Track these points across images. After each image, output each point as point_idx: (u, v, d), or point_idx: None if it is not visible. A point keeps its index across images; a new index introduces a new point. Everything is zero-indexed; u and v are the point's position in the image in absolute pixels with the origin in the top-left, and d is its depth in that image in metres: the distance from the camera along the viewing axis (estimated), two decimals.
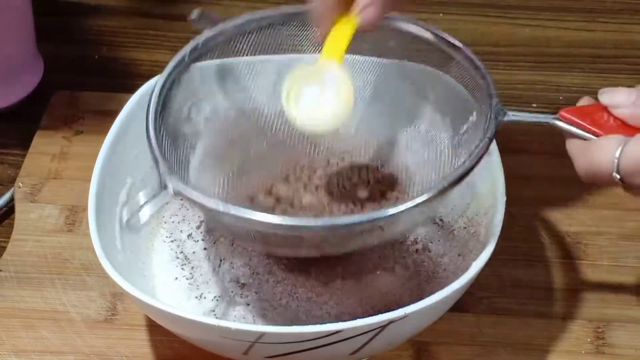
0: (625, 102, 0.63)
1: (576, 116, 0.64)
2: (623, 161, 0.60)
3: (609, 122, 0.63)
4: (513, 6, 1.04)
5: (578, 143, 0.63)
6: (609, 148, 0.61)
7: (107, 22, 1.01)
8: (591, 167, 0.61)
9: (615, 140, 0.61)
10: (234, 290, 0.73)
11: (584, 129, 0.63)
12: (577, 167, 0.63)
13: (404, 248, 0.74)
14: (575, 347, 0.74)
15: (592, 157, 0.61)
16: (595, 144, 0.62)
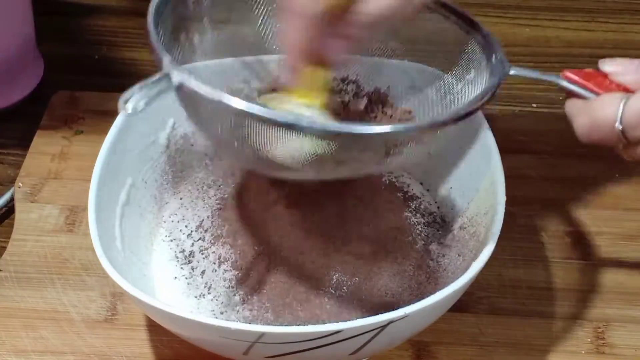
0: (626, 69, 0.63)
1: (580, 77, 0.64)
2: (627, 111, 0.60)
3: (612, 86, 0.63)
4: (513, 6, 1.04)
5: (579, 102, 0.64)
6: (612, 101, 0.61)
7: (107, 22, 1.01)
8: (593, 121, 0.62)
9: (618, 95, 0.61)
10: (234, 290, 0.73)
11: (587, 88, 0.64)
12: (577, 124, 0.63)
13: (404, 248, 0.74)
14: (575, 347, 0.74)
15: (594, 111, 0.62)
16: (597, 99, 0.63)
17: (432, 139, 0.64)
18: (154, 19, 0.65)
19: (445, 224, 0.77)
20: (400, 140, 0.63)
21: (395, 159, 0.64)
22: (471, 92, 0.69)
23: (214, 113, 0.62)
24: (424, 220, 0.77)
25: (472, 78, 0.69)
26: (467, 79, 0.70)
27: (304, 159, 0.62)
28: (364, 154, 0.63)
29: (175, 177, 0.79)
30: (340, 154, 0.62)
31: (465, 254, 0.72)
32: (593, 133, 0.62)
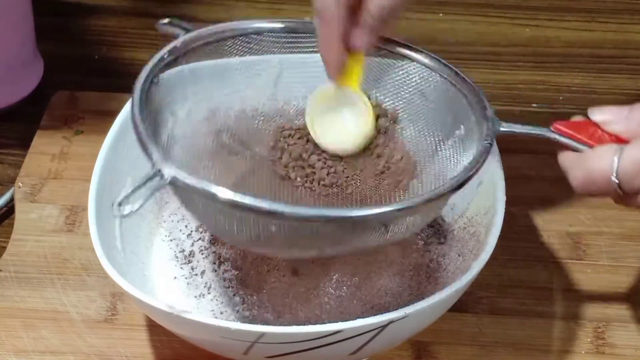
0: (616, 118, 0.63)
1: (570, 129, 0.64)
2: (622, 164, 0.60)
3: (603, 136, 0.63)
4: (513, 6, 1.04)
5: (572, 155, 0.63)
6: (606, 154, 0.61)
7: (107, 22, 1.01)
8: (589, 175, 0.61)
9: (611, 147, 0.61)
10: (234, 290, 0.73)
11: (579, 140, 0.63)
12: (573, 178, 0.62)
13: (404, 248, 0.74)
14: (575, 347, 0.74)
15: (588, 164, 0.61)
16: (591, 152, 0.62)
17: (428, 209, 0.64)
18: (139, 106, 0.65)
19: (445, 224, 0.77)
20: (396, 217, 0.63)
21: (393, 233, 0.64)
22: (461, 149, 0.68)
23: (209, 204, 0.62)
24: None
25: (462, 134, 0.69)
26: (457, 135, 0.69)
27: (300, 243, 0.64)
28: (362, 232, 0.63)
29: None
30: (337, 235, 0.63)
31: (465, 254, 0.72)
32: (588, 186, 0.62)
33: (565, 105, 0.93)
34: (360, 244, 0.64)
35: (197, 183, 0.60)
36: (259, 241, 0.63)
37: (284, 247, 0.64)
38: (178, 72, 0.70)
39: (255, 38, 0.72)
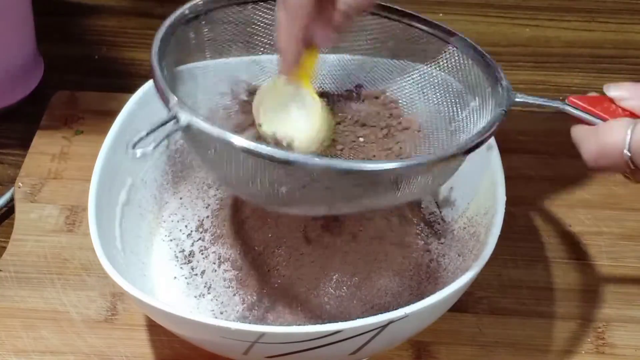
0: (632, 94, 0.63)
1: (585, 102, 0.64)
2: (635, 138, 0.60)
3: (617, 111, 0.63)
4: (513, 6, 1.04)
5: (585, 128, 0.63)
6: (620, 127, 0.61)
7: (107, 22, 1.01)
8: (601, 148, 0.61)
9: (625, 121, 0.61)
10: (234, 290, 0.73)
11: (593, 114, 0.63)
12: (585, 151, 0.62)
13: (404, 248, 0.74)
14: (575, 347, 0.74)
15: (602, 137, 0.61)
16: (604, 125, 0.62)
17: (441, 171, 0.64)
18: (158, 56, 0.65)
19: (445, 224, 0.77)
20: (408, 175, 0.63)
21: (404, 192, 0.64)
22: (476, 119, 0.69)
23: (222, 152, 0.62)
24: (424, 220, 0.77)
25: (477, 106, 0.69)
26: (472, 107, 0.69)
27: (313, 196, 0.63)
28: (373, 189, 0.63)
29: (175, 177, 0.79)
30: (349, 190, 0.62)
31: (465, 254, 0.72)
32: (601, 160, 0.62)
33: None
34: (370, 202, 0.64)
35: (212, 129, 0.60)
36: (269, 194, 0.63)
37: (295, 201, 0.64)
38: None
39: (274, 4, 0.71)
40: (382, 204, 0.65)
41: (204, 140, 0.62)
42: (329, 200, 0.63)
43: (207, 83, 0.72)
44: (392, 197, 0.64)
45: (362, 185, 0.62)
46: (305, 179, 0.61)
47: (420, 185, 0.64)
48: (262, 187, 0.62)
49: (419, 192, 0.66)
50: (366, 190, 0.63)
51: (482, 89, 0.69)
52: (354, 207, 0.66)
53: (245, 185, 0.63)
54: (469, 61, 0.70)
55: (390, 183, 0.63)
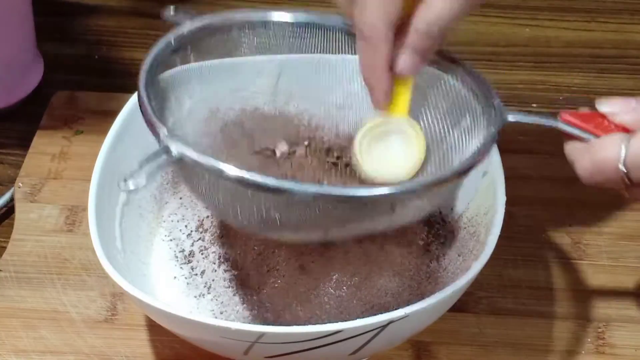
0: (624, 109, 0.63)
1: (578, 119, 0.64)
2: (630, 152, 0.60)
3: (611, 127, 0.63)
4: (513, 6, 1.04)
5: (579, 145, 0.63)
6: (613, 143, 0.61)
7: (107, 22, 1.01)
8: (595, 164, 0.61)
9: (618, 136, 0.61)
10: (234, 290, 0.73)
11: (586, 130, 0.63)
12: (580, 167, 0.62)
13: (404, 248, 0.74)
14: (575, 347, 0.74)
15: (595, 154, 0.61)
16: (598, 141, 0.62)
17: (435, 194, 0.64)
18: (145, 87, 0.65)
19: (445, 224, 0.77)
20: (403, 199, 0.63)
21: (400, 216, 0.64)
22: (468, 139, 0.68)
23: (215, 181, 0.62)
24: (424, 220, 0.77)
25: (468, 125, 0.69)
26: (462, 126, 0.69)
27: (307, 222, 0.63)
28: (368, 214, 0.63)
29: (175, 177, 0.79)
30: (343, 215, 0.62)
31: (465, 254, 0.72)
32: (595, 175, 0.62)
33: (565, 106, 0.92)
34: (366, 226, 0.64)
35: (204, 159, 0.60)
36: (264, 223, 0.63)
37: (289, 228, 0.64)
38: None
39: (261, 30, 0.71)
40: (378, 228, 0.65)
41: (195, 170, 0.62)
42: (323, 226, 0.64)
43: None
44: (388, 221, 0.64)
45: (357, 210, 0.62)
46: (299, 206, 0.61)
47: (416, 209, 0.65)
48: (255, 215, 0.62)
49: (415, 215, 0.66)
50: (361, 216, 0.63)
51: (472, 108, 0.68)
52: (350, 232, 0.66)
53: (238, 213, 0.63)
54: (459, 79, 0.70)
55: (385, 208, 0.63)
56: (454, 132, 0.69)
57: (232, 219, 0.67)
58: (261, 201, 0.61)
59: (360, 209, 0.62)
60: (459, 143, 0.69)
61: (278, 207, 0.61)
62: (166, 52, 0.68)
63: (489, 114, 0.66)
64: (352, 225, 0.64)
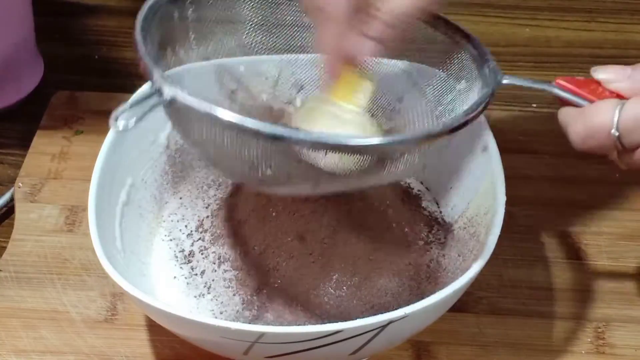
0: (619, 76, 0.63)
1: (573, 84, 0.64)
2: (623, 117, 0.60)
3: (605, 93, 0.63)
4: (513, 6, 1.04)
5: (572, 109, 0.63)
6: (607, 107, 0.61)
7: (107, 22, 1.01)
8: (588, 128, 0.61)
9: (612, 102, 0.61)
10: (234, 290, 0.73)
11: (581, 96, 0.64)
12: (572, 132, 0.62)
13: (404, 248, 0.74)
14: (575, 347, 0.74)
15: (589, 118, 0.61)
16: (592, 106, 0.62)
17: (428, 150, 0.64)
18: (141, 31, 0.65)
19: (445, 224, 0.77)
20: (394, 152, 0.62)
21: (390, 171, 0.63)
22: (463, 102, 0.68)
23: (208, 128, 0.61)
24: (424, 220, 0.77)
25: (463, 88, 0.69)
26: (458, 89, 0.69)
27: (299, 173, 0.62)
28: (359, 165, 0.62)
29: (175, 177, 0.79)
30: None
31: (465, 254, 0.72)
32: (588, 140, 0.62)
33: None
34: (356, 180, 0.64)
35: (197, 103, 0.59)
36: (254, 172, 0.62)
37: (279, 179, 0.63)
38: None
39: None
40: (367, 183, 0.65)
41: (188, 114, 0.61)
42: (314, 177, 0.63)
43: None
44: (377, 176, 0.64)
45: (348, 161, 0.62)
46: (292, 155, 0.61)
47: (406, 164, 0.64)
48: (248, 163, 0.61)
49: (405, 171, 0.65)
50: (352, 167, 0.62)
51: (468, 71, 0.68)
52: (339, 185, 0.65)
53: (230, 161, 0.63)
54: (454, 43, 0.69)
55: (376, 159, 0.62)
56: (449, 96, 0.69)
57: (223, 168, 0.66)
58: (252, 150, 0.60)
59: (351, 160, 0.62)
60: (454, 107, 0.69)
61: (268, 156, 0.60)
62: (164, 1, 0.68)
63: (484, 77, 0.66)
64: (342, 177, 0.63)
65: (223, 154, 0.62)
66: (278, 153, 0.61)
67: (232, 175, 0.67)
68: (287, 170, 0.62)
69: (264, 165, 0.61)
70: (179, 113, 0.62)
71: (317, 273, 0.72)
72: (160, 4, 0.67)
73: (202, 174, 0.80)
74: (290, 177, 0.63)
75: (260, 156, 0.61)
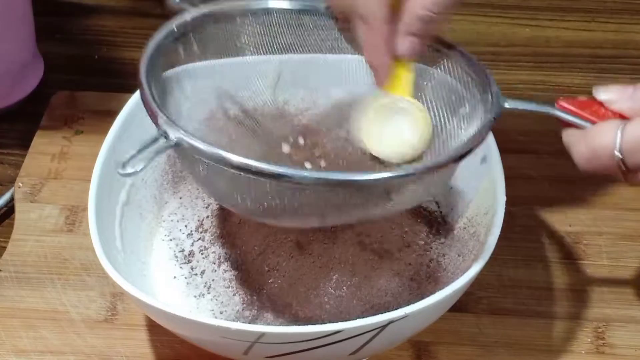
0: (621, 97, 0.63)
1: (575, 106, 0.64)
2: (625, 138, 0.60)
3: (607, 114, 0.63)
4: (513, 6, 1.04)
5: (575, 131, 0.63)
6: (609, 128, 0.61)
7: (107, 22, 1.01)
8: (592, 150, 0.61)
9: (614, 122, 0.61)
10: (234, 290, 0.73)
11: (583, 117, 0.64)
12: (576, 154, 0.63)
13: (404, 248, 0.74)
14: (575, 347, 0.74)
15: (592, 140, 0.61)
16: (594, 127, 0.62)
17: (432, 180, 0.64)
18: (146, 74, 0.65)
19: (445, 224, 0.77)
20: (399, 185, 0.63)
21: (396, 202, 0.64)
22: (466, 127, 0.68)
23: (212, 167, 0.62)
24: (424, 220, 0.77)
25: (466, 112, 0.69)
26: (461, 114, 0.69)
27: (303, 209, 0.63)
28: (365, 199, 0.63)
29: (175, 177, 0.79)
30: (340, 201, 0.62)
31: (465, 254, 0.72)
32: (592, 161, 0.62)
33: None
34: (363, 212, 0.64)
35: (202, 145, 0.61)
36: (261, 208, 0.63)
37: (287, 213, 0.64)
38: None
39: (264, 18, 0.71)
40: (375, 215, 0.65)
41: (193, 156, 0.62)
42: (320, 212, 0.64)
43: (197, 93, 0.72)
44: (384, 207, 0.64)
45: (353, 195, 0.62)
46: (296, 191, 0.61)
47: (413, 195, 0.65)
48: (253, 200, 0.63)
49: (412, 201, 0.66)
50: (357, 201, 0.63)
51: (471, 95, 0.68)
52: (346, 218, 0.66)
53: (236, 199, 0.64)
54: (457, 67, 0.70)
55: (382, 193, 0.63)
56: (453, 120, 0.69)
57: (230, 204, 0.67)
58: (258, 187, 0.61)
59: (356, 194, 0.62)
60: (457, 131, 0.69)
61: (275, 192, 0.61)
62: (168, 40, 0.69)
63: (487, 101, 0.66)
64: (349, 210, 0.64)
65: (229, 191, 0.63)
66: (283, 189, 0.61)
67: (240, 210, 0.68)
68: (294, 205, 0.63)
69: (271, 201, 0.62)
70: (185, 154, 0.64)
71: (317, 273, 0.72)
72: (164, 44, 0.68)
73: None
74: (297, 211, 0.63)
75: (266, 193, 0.62)
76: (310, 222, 0.67)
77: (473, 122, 0.67)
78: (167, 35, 0.68)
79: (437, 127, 0.70)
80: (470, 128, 0.67)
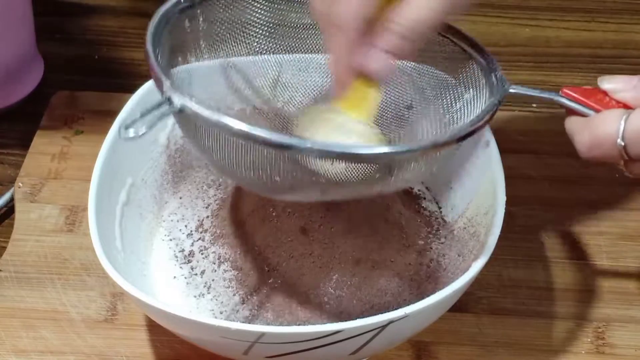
0: (625, 86, 0.63)
1: (579, 94, 0.64)
2: (628, 127, 0.60)
3: (611, 103, 0.63)
4: (513, 6, 1.04)
5: (579, 119, 0.63)
6: (613, 117, 0.61)
7: (107, 22, 1.01)
8: (594, 138, 0.61)
9: (618, 111, 0.61)
10: (234, 290, 0.73)
11: (587, 105, 0.64)
12: (579, 142, 0.63)
13: (404, 248, 0.74)
14: (575, 347, 0.74)
15: (595, 128, 0.62)
16: (598, 116, 0.62)
17: (434, 158, 0.64)
18: (152, 41, 0.65)
19: (445, 224, 0.77)
20: (401, 161, 0.63)
21: (397, 179, 0.64)
22: (470, 110, 0.69)
23: (216, 135, 0.62)
24: (424, 220, 0.77)
25: (471, 97, 0.69)
26: (465, 98, 0.69)
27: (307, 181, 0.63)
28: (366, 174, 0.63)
29: (175, 177, 0.79)
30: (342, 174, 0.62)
31: (465, 254, 0.72)
32: (594, 149, 0.62)
33: None
34: (363, 188, 0.64)
35: (206, 112, 0.60)
36: (261, 179, 0.63)
37: (287, 186, 0.63)
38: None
39: None
40: (375, 191, 0.65)
41: (197, 123, 0.62)
42: (322, 186, 0.63)
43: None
44: (384, 184, 0.64)
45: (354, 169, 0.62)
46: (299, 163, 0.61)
47: (413, 172, 0.64)
48: (255, 172, 0.62)
49: (411, 179, 0.66)
50: (359, 176, 0.63)
51: (476, 80, 0.69)
52: (347, 193, 0.65)
53: (239, 169, 0.63)
54: (462, 52, 0.70)
55: (383, 169, 0.63)
56: (457, 105, 0.69)
57: (231, 175, 0.67)
58: (261, 158, 0.61)
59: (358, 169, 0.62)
60: (461, 115, 0.69)
61: (276, 164, 0.61)
62: (175, 10, 0.68)
63: (492, 86, 0.66)
64: (349, 185, 0.63)
65: (231, 161, 0.63)
66: (285, 161, 0.61)
67: (240, 182, 0.68)
68: (294, 178, 0.62)
69: (272, 173, 0.62)
70: (189, 121, 0.63)
71: (317, 273, 0.72)
72: (171, 14, 0.68)
73: (202, 174, 0.80)
74: (298, 184, 0.63)
75: (267, 164, 0.61)
76: (311, 196, 0.67)
77: (477, 107, 0.67)
78: (175, 4, 0.68)
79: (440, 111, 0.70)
80: (474, 113, 0.67)
